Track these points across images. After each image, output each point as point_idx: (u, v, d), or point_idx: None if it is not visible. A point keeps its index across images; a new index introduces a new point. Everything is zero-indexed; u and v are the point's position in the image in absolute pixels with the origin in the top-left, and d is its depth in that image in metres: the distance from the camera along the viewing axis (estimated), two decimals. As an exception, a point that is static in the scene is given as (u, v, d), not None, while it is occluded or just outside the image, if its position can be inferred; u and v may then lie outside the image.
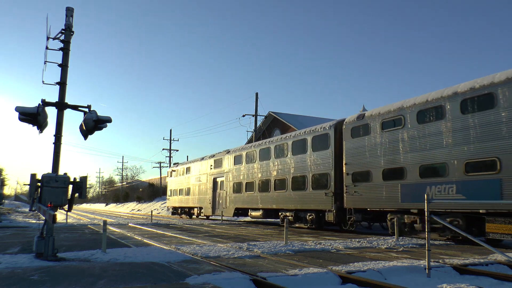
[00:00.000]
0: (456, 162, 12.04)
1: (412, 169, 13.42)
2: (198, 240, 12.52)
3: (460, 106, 12.14)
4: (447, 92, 12.63)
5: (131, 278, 6.02)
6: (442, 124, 12.63)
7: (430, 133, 12.99)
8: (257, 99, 40.19)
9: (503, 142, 10.86)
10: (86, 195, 8.69)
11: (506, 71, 11.34)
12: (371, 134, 15.27)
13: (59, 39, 8.91)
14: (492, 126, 11.24)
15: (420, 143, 13.29)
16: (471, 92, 11.86)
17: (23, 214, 35.02)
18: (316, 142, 18.22)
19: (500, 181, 10.74)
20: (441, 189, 12.41)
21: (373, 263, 7.62)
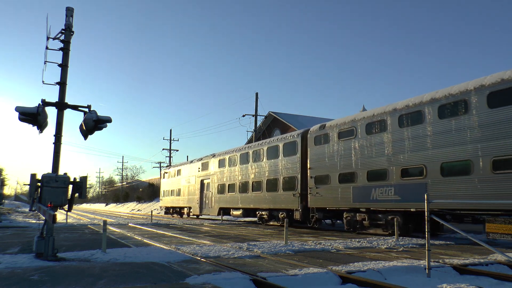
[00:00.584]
0: (394, 168, 14.18)
1: (362, 173, 15.54)
2: (198, 240, 12.52)
3: (398, 121, 14.28)
4: (388, 108, 14.81)
5: (131, 278, 6.02)
6: (384, 136, 14.72)
7: (376, 143, 15.04)
8: (257, 99, 40.20)
9: (428, 152, 13.02)
10: (86, 195, 8.70)
11: (432, 92, 13.49)
12: (330, 142, 17.41)
13: (59, 39, 8.91)
14: (420, 138, 13.38)
15: (367, 152, 15.39)
16: (406, 109, 14.01)
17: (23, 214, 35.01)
18: (287, 149, 20.40)
19: (426, 184, 12.95)
20: (383, 191, 14.56)
21: (373, 263, 7.62)
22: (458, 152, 12.13)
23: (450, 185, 12.29)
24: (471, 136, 11.82)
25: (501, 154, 10.97)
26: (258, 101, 40.15)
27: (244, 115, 40.42)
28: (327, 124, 17.93)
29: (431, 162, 12.86)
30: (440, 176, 12.58)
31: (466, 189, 11.80)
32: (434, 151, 12.82)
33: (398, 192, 13.89)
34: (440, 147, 12.65)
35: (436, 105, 12.90)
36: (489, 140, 11.34)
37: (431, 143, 12.92)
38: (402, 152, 13.92)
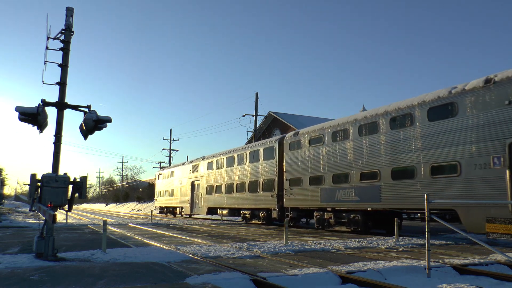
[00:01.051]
0: (355, 173, 15.80)
1: (328, 177, 17.24)
2: (198, 240, 12.52)
3: (358, 130, 15.92)
4: (350, 119, 16.54)
5: (131, 278, 6.02)
6: (347, 143, 16.40)
7: (340, 150, 16.77)
8: (257, 99, 40.19)
9: (382, 158, 14.66)
10: (86, 195, 8.69)
11: (386, 105, 15.16)
12: (302, 148, 19.12)
13: (59, 39, 8.90)
14: (376, 146, 15.00)
15: (333, 157, 17.11)
16: (364, 120, 15.69)
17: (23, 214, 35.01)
18: (266, 153, 22.21)
19: (380, 186, 14.59)
20: (345, 193, 16.23)
21: (373, 263, 7.62)
22: (405, 159, 13.83)
23: (399, 187, 14.01)
24: (415, 145, 13.49)
25: (437, 161, 12.70)
26: (258, 101, 40.16)
27: (244, 115, 40.43)
28: (300, 131, 19.75)
29: (384, 167, 14.58)
30: (391, 179, 14.28)
31: (410, 191, 13.49)
32: (386, 157, 14.54)
33: (357, 194, 15.63)
34: (391, 154, 14.36)
35: (388, 117, 14.61)
36: (428, 149, 13.02)
37: (384, 150, 14.65)
38: (361, 158, 15.63)
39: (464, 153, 11.88)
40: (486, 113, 11.49)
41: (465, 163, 11.82)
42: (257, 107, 40.07)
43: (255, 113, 40.08)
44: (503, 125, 11.01)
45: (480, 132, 11.56)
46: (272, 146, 21.65)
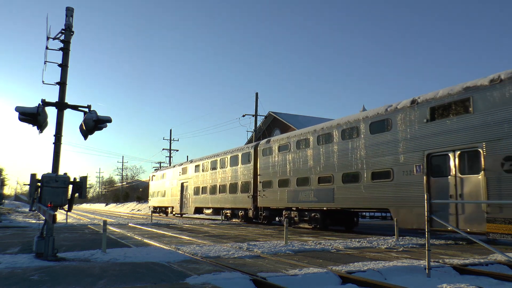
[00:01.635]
0: (314, 177, 18.13)
1: (293, 180, 19.63)
2: (198, 240, 12.51)
3: (317, 139, 18.28)
4: (310, 129, 19.00)
5: (131, 278, 6.02)
6: (308, 151, 18.71)
7: (303, 156, 19.03)
8: (257, 99, 40.18)
9: (335, 165, 17.01)
10: (86, 195, 8.69)
11: (339, 118, 17.56)
12: (273, 154, 21.60)
13: (59, 39, 8.90)
14: (330, 154, 17.39)
15: (297, 163, 19.44)
16: (322, 131, 18.09)
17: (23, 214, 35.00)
18: (244, 158, 24.66)
19: (333, 189, 16.96)
20: (306, 194, 18.64)
21: (373, 263, 7.61)
22: (352, 166, 16.07)
23: (347, 190, 16.28)
24: (360, 154, 15.73)
25: (376, 168, 14.96)
26: (258, 101, 40.14)
27: (244, 115, 40.42)
28: (271, 139, 22.37)
29: (337, 172, 16.87)
30: (341, 183, 16.56)
31: (356, 193, 15.78)
32: (338, 164, 16.84)
33: (316, 195, 18.00)
34: (342, 161, 16.65)
35: (340, 129, 16.86)
36: (370, 158, 15.27)
37: (336, 158, 16.95)
38: (319, 164, 17.98)
39: (396, 162, 14.11)
40: (411, 129, 13.66)
41: (396, 170, 14.07)
42: (257, 107, 40.07)
43: (255, 113, 40.08)
44: (423, 139, 13.20)
45: (407, 144, 13.74)
46: (248, 152, 24.11)
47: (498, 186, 10.98)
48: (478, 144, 11.56)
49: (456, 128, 12.21)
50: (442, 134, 12.62)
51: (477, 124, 11.63)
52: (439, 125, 12.73)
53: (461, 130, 12.08)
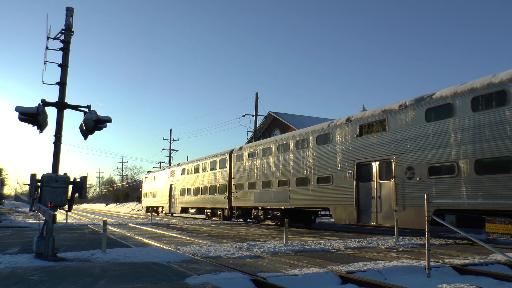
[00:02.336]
0: (275, 180, 21.08)
1: (259, 183, 22.56)
2: (198, 240, 12.51)
3: (277, 149, 21.19)
4: (272, 139, 22.29)
5: (131, 278, 6.02)
6: (271, 158, 21.72)
7: (266, 163, 22.09)
8: (257, 99, 40.17)
9: (291, 170, 19.83)
10: (86, 195, 8.69)
11: (295, 131, 20.84)
12: (244, 160, 24.57)
13: (59, 39, 8.90)
14: (287, 161, 20.18)
15: (262, 168, 22.38)
16: (281, 141, 21.00)
17: (23, 214, 34.99)
18: (221, 163, 27.81)
19: (289, 191, 19.78)
20: (269, 195, 21.63)
21: (373, 263, 7.61)
22: (303, 171, 18.91)
23: (300, 192, 19.16)
24: (309, 162, 18.56)
25: (320, 174, 17.80)
26: (258, 101, 40.13)
27: (244, 115, 40.41)
28: (243, 147, 25.26)
29: (292, 177, 19.76)
30: (295, 186, 19.44)
31: (306, 194, 18.69)
32: (293, 170, 19.73)
33: (276, 196, 20.89)
34: (296, 168, 19.53)
35: (295, 140, 19.81)
36: (316, 165, 18.10)
37: (292, 164, 19.86)
38: (278, 170, 20.89)
39: (335, 169, 17.02)
40: (346, 142, 16.52)
41: (335, 175, 16.92)
42: (257, 107, 40.06)
43: (255, 113, 40.07)
44: (354, 150, 16.07)
45: (343, 154, 16.64)
46: (225, 158, 27.20)
47: (402, 190, 13.77)
48: (391, 156, 14.40)
49: (377, 143, 15.08)
50: (368, 147, 15.47)
51: (390, 140, 14.48)
52: (366, 140, 15.63)
53: (380, 144, 14.94)
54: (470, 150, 11.65)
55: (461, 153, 11.91)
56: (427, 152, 13.03)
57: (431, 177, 12.80)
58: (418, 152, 13.35)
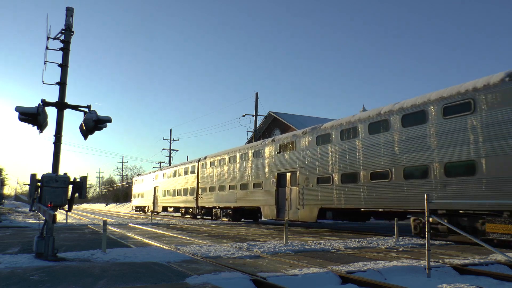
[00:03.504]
0: (227, 185, 26.48)
1: (217, 187, 27.99)
2: (198, 240, 12.51)
3: (228, 159, 26.52)
4: (225, 151, 27.45)
5: (131, 278, 6.02)
6: (224, 167, 27.14)
7: (221, 171, 27.62)
8: (257, 99, 40.17)
9: (238, 177, 25.15)
10: (86, 195, 8.69)
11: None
12: (207, 168, 30.04)
13: (59, 39, 8.90)
14: (235, 170, 25.71)
15: (219, 175, 27.78)
16: (229, 154, 26.63)
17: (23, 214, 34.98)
18: (191, 169, 33.08)
19: (236, 194, 25.05)
20: (223, 197, 26.94)
21: (373, 263, 7.61)
22: (245, 178, 24.44)
23: (242, 194, 24.44)
24: (248, 171, 24.09)
25: (256, 181, 23.05)
26: (258, 101, 40.14)
27: (244, 115, 40.43)
28: (207, 156, 30.33)
29: (238, 183, 25.06)
30: (240, 190, 24.71)
31: (246, 196, 24.07)
32: (238, 177, 25.11)
33: (227, 198, 26.40)
34: (240, 175, 24.94)
35: (240, 153, 25.33)
36: (253, 174, 23.60)
37: (238, 173, 25.25)
38: (229, 177, 26.34)
39: (264, 177, 22.29)
40: (271, 157, 21.93)
41: (265, 182, 22.22)
42: (257, 107, 40.06)
43: (255, 113, 40.07)
44: (276, 163, 21.49)
45: (269, 166, 21.98)
46: (194, 165, 32.50)
47: (303, 193, 19.06)
48: (297, 169, 19.62)
49: (289, 158, 20.35)
50: (284, 161, 20.76)
51: (297, 157, 19.72)
52: (282, 156, 20.94)
53: (291, 160, 20.16)
54: (339, 167, 16.89)
55: (335, 168, 17.13)
56: (316, 167, 18.29)
57: (318, 185, 18.05)
58: (312, 167, 18.58)
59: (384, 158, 14.62)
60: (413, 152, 13.51)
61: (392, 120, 14.41)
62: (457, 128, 12.18)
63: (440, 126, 12.70)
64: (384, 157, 14.63)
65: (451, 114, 12.42)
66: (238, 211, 25.84)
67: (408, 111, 13.92)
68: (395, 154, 14.18)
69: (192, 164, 32.98)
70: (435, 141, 12.80)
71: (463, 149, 11.95)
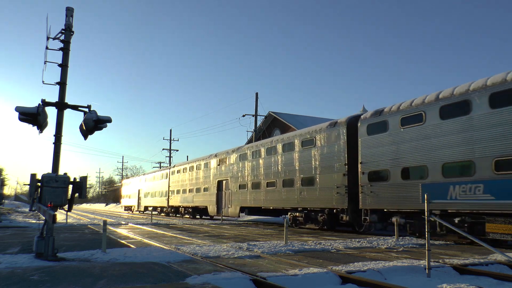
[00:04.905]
0: (187, 188, 33.08)
1: (181, 190, 34.41)
2: (198, 240, 12.52)
3: (189, 168, 33.22)
4: (191, 160, 33.50)
5: (131, 278, 6.02)
6: (185, 174, 33.52)
7: (183, 177, 34.18)
8: (257, 99, 40.15)
9: (194, 183, 31.98)
10: (86, 195, 8.69)
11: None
12: (175, 174, 36.33)
13: (59, 39, 8.90)
14: (192, 177, 32.54)
15: (186, 180, 33.57)
16: (189, 164, 33.95)
17: (23, 214, 34.99)
18: (165, 175, 39.59)
19: (193, 196, 31.80)
20: (185, 198, 33.40)
21: (373, 263, 7.61)
22: (199, 183, 30.82)
23: (197, 196, 30.98)
24: (201, 178, 30.42)
25: (205, 186, 29.58)
26: (258, 101, 40.10)
27: (244, 115, 40.38)
28: (176, 164, 37.87)
29: (194, 187, 31.69)
30: (195, 192, 31.00)
31: (200, 197, 30.64)
32: (194, 183, 31.41)
33: (188, 199, 32.67)
34: (195, 181, 31.62)
35: (203, 162, 30.49)
36: (203, 181, 29.97)
37: (194, 180, 31.81)
38: (189, 182, 32.63)
39: (210, 183, 28.95)
40: (214, 168, 28.60)
41: (210, 187, 28.67)
42: (257, 107, 40.05)
43: (255, 113, 40.05)
44: (217, 174, 27.87)
45: (212, 175, 28.66)
46: (167, 172, 39.16)
47: (230, 196, 25.59)
48: (228, 178, 26.24)
49: (224, 170, 27.00)
50: (221, 172, 27.26)
51: (228, 170, 26.51)
52: (220, 168, 27.61)
53: (225, 171, 26.86)
54: (251, 178, 23.14)
55: (249, 179, 23.47)
56: (239, 177, 24.82)
57: (240, 190, 24.54)
58: (236, 176, 25.16)
59: (273, 173, 21.09)
60: (286, 169, 20.07)
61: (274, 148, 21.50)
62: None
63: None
64: (273, 172, 21.17)
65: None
66: (195, 209, 32.40)
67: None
68: (278, 172, 20.67)
69: (165, 171, 40.69)
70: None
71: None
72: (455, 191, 11.92)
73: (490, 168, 10.93)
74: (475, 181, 11.29)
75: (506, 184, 10.51)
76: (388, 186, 13.94)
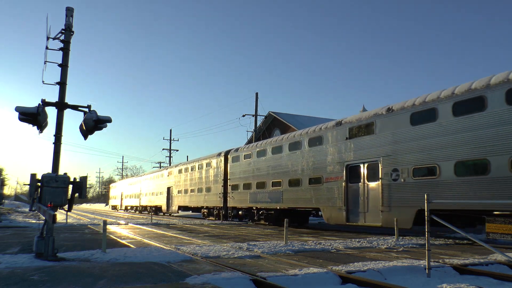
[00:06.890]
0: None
1: (153, 192, 42.29)
2: (198, 240, 12.52)
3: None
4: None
5: (131, 278, 6.02)
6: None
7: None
8: (257, 99, 40.18)
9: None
10: (86, 195, 8.69)
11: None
12: (148, 181, 44.61)
13: (59, 39, 8.90)
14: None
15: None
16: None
17: (23, 214, 34.95)
18: (138, 182, 49.14)
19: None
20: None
21: (373, 263, 7.61)
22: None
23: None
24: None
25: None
26: (258, 101, 40.14)
27: (244, 115, 40.42)
28: (145, 173, 45.96)
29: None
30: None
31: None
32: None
33: (151, 200, 42.34)
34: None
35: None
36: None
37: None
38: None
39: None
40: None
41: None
42: (257, 107, 40.07)
43: (255, 113, 40.07)
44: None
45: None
46: (140, 179, 48.84)
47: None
48: (172, 186, 36.22)
49: (170, 180, 37.31)
50: (170, 181, 36.39)
51: (170, 181, 37.76)
52: (169, 178, 37.43)
53: (169, 181, 37.68)
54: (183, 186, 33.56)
55: (183, 187, 33.60)
56: (178, 185, 31.83)
57: (178, 194, 31.63)
58: (176, 185, 33.38)
59: (192, 184, 31.45)
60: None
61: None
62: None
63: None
64: (192, 184, 31.76)
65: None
66: (156, 208, 39.17)
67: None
68: (196, 184, 31.80)
69: (139, 178, 50.57)
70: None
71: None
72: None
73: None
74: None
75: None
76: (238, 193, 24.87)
